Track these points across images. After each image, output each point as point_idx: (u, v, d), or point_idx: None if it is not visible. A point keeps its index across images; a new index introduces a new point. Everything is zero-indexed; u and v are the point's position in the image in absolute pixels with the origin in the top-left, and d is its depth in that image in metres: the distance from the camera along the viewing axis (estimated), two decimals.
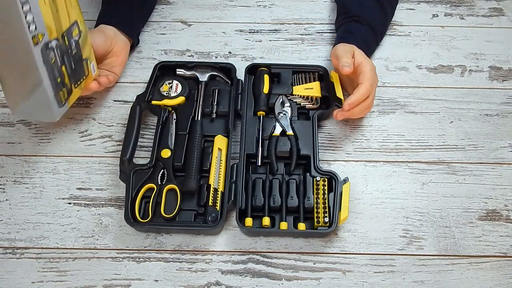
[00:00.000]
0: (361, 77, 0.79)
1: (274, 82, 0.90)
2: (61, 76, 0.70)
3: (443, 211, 0.79)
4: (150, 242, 0.76)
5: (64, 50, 0.69)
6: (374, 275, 0.73)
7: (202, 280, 0.73)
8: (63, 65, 0.69)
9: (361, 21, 0.89)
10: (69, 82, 0.72)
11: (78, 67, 0.74)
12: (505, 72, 0.95)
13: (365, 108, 0.82)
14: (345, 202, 0.74)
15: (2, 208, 0.79)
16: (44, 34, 0.63)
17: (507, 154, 0.85)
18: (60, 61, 0.68)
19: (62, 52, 0.69)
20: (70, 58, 0.71)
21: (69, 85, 0.72)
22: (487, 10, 1.04)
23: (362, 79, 0.79)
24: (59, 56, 0.68)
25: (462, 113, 0.89)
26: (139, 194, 0.76)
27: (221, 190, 0.77)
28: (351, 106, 0.78)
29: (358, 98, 0.78)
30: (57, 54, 0.67)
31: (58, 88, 0.70)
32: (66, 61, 0.70)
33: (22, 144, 0.85)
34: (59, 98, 0.71)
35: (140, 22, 0.98)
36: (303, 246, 0.76)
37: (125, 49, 0.91)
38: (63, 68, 0.70)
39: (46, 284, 0.72)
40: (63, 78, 0.70)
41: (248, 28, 1.01)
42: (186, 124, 0.83)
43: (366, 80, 0.79)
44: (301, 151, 0.81)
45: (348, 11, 0.92)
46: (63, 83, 0.71)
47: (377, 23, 0.92)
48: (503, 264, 0.74)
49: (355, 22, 0.90)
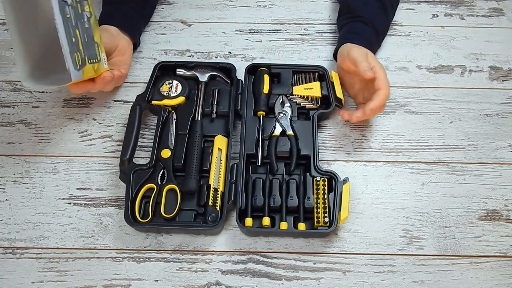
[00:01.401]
0: (378, 83, 0.79)
1: (274, 82, 0.90)
2: (76, 38, 0.70)
3: (443, 211, 0.79)
4: (150, 242, 0.76)
5: (77, 14, 0.71)
6: (374, 275, 0.73)
7: (202, 280, 0.73)
8: (77, 29, 0.70)
9: (365, 22, 0.89)
10: (82, 50, 0.72)
11: (90, 44, 0.74)
12: (505, 72, 0.95)
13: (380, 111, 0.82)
14: (345, 202, 0.74)
15: (2, 208, 0.79)
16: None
17: (507, 154, 0.85)
18: (75, 22, 0.70)
19: (76, 14, 0.70)
20: (83, 28, 0.72)
21: (83, 54, 0.72)
22: (487, 10, 1.04)
23: (381, 85, 0.79)
24: (73, 16, 0.69)
25: (462, 113, 0.89)
26: (139, 194, 0.76)
27: (221, 190, 0.77)
28: (374, 112, 0.79)
29: (380, 104, 0.78)
30: (71, 13, 0.69)
31: (73, 48, 0.70)
32: (80, 27, 0.71)
33: (22, 144, 0.85)
34: (74, 59, 0.70)
35: (142, 23, 0.98)
36: (303, 246, 0.76)
37: (129, 48, 0.91)
38: (77, 32, 0.70)
39: (46, 284, 0.72)
40: (77, 41, 0.70)
41: (248, 28, 1.01)
42: (186, 124, 0.83)
43: (384, 86, 0.79)
44: (301, 151, 0.81)
45: (353, 11, 0.92)
46: (77, 46, 0.70)
47: (380, 24, 0.92)
48: (503, 264, 0.74)
49: (360, 23, 0.90)
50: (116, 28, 0.88)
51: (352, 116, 0.80)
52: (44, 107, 0.89)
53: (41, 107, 0.89)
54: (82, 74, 0.73)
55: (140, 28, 0.97)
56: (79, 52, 0.71)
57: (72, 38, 0.69)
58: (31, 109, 0.89)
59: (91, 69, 0.76)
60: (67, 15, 0.68)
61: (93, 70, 0.76)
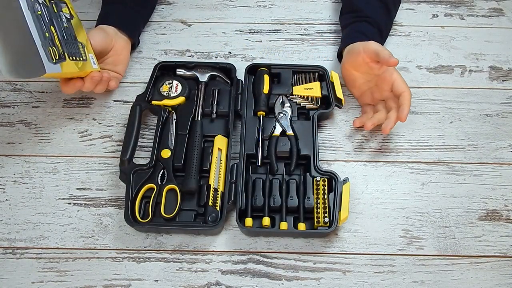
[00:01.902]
0: (399, 86, 0.80)
1: (274, 82, 0.90)
2: (50, 34, 0.72)
3: (443, 211, 0.79)
4: (150, 242, 0.76)
5: (52, 14, 0.73)
6: (374, 275, 0.73)
7: (202, 280, 0.73)
8: (52, 25, 0.73)
9: (371, 22, 0.89)
10: (60, 46, 0.74)
11: (71, 42, 0.76)
12: (505, 72, 0.95)
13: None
14: (345, 202, 0.74)
15: (2, 208, 0.79)
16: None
17: (507, 154, 0.85)
18: (48, 19, 0.72)
19: (49, 14, 0.73)
20: (60, 27, 0.74)
21: (61, 50, 0.74)
22: (487, 10, 1.04)
23: (403, 87, 0.79)
24: (46, 14, 0.72)
25: (462, 113, 0.89)
26: (139, 194, 0.76)
27: (221, 190, 0.77)
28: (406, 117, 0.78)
29: (409, 107, 0.78)
30: (44, 11, 0.71)
31: (47, 42, 0.71)
32: (56, 25, 0.74)
33: (22, 144, 0.85)
34: (48, 53, 0.71)
35: (141, 22, 0.98)
36: (303, 246, 0.76)
37: (126, 48, 0.91)
38: (52, 28, 0.73)
39: (46, 284, 0.72)
40: (52, 37, 0.72)
41: (248, 28, 1.01)
42: (186, 124, 0.83)
43: (406, 88, 0.79)
44: (301, 151, 0.81)
45: (357, 10, 0.92)
46: (52, 41, 0.72)
47: (383, 25, 0.91)
48: (503, 264, 0.74)
49: (366, 23, 0.89)
50: (114, 28, 0.88)
51: (387, 128, 0.78)
52: (44, 107, 0.89)
53: (41, 107, 0.89)
54: (60, 67, 0.73)
55: (139, 28, 0.97)
56: (55, 46, 0.73)
57: (45, 33, 0.71)
58: (31, 109, 0.89)
59: (73, 65, 0.76)
60: (37, 11, 0.70)
61: (76, 67, 0.76)
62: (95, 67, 0.81)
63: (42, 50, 0.70)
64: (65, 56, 0.74)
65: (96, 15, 0.92)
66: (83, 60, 0.78)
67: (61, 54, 0.73)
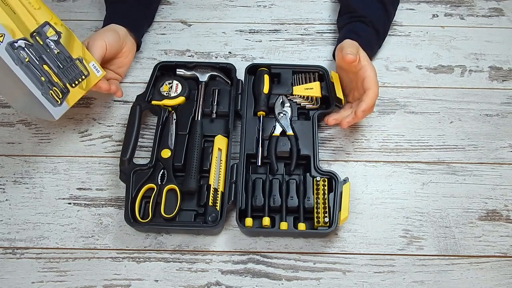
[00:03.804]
0: (367, 82, 0.78)
1: (274, 82, 0.90)
2: (46, 75, 0.70)
3: (443, 211, 0.79)
4: (150, 242, 0.76)
5: (39, 50, 0.70)
6: (374, 275, 0.73)
7: (202, 280, 0.73)
8: (44, 64, 0.70)
9: (366, 22, 0.89)
10: (59, 81, 0.72)
11: (69, 66, 0.74)
12: (505, 72, 0.95)
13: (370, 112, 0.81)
14: (345, 202, 0.74)
15: (2, 208, 0.79)
16: (4, 34, 0.65)
17: (507, 154, 0.85)
18: (38, 60, 0.69)
19: (37, 51, 0.69)
20: (52, 58, 0.71)
21: (61, 84, 0.72)
22: (487, 10, 1.04)
23: (370, 84, 0.78)
24: (34, 55, 0.69)
25: (462, 113, 0.89)
26: (139, 194, 0.76)
27: (221, 190, 0.77)
28: (365, 114, 0.78)
29: (370, 105, 0.77)
30: (31, 53, 0.68)
31: (46, 87, 0.70)
32: (48, 60, 0.70)
33: (22, 144, 0.85)
34: (51, 97, 0.71)
35: (146, 24, 0.98)
36: (303, 246, 0.76)
37: (132, 50, 0.91)
38: (46, 67, 0.70)
39: (46, 284, 0.72)
40: (49, 77, 0.71)
41: (248, 28, 1.01)
42: (186, 124, 0.83)
43: (373, 85, 0.78)
44: (301, 151, 0.81)
45: (353, 10, 0.92)
46: (51, 82, 0.71)
47: (380, 25, 0.91)
48: (503, 264, 0.74)
49: (360, 23, 0.89)
50: (124, 29, 0.88)
51: (343, 122, 0.78)
52: None
53: None
54: (66, 104, 0.74)
55: (144, 29, 0.97)
56: (55, 85, 0.72)
57: (40, 78, 0.70)
58: None
59: (78, 91, 0.76)
60: (25, 59, 0.68)
61: (81, 89, 0.76)
62: (99, 74, 0.79)
63: (43, 99, 0.70)
64: (67, 87, 0.73)
65: (97, 15, 0.93)
66: (85, 76, 0.76)
67: (63, 89, 0.73)
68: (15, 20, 0.66)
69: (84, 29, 0.99)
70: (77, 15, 1.01)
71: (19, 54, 0.67)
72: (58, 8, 1.02)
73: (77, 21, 1.00)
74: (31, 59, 0.68)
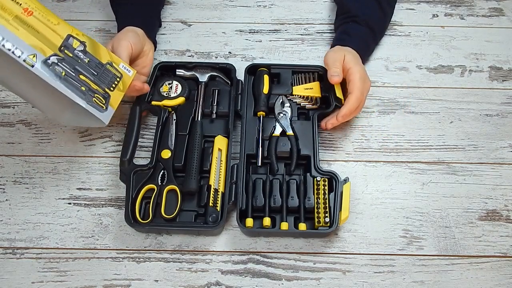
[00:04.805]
0: (350, 86, 0.80)
1: (274, 82, 0.90)
2: (85, 85, 0.71)
3: (443, 211, 0.79)
4: (150, 242, 0.76)
5: (71, 62, 0.71)
6: (374, 275, 0.73)
7: (202, 280, 0.73)
8: (80, 74, 0.71)
9: (359, 22, 0.89)
10: (98, 87, 0.73)
11: (102, 72, 0.74)
12: (505, 72, 0.95)
13: (356, 113, 0.84)
14: (345, 202, 0.74)
15: (2, 208, 0.79)
16: (36, 54, 0.66)
17: (507, 154, 0.85)
18: (73, 71, 0.70)
19: (70, 64, 0.70)
20: (85, 67, 0.72)
21: (101, 90, 0.73)
22: (487, 10, 1.04)
23: (352, 89, 0.80)
24: (68, 68, 0.70)
25: (462, 113, 0.89)
26: (139, 194, 0.76)
27: (221, 190, 0.77)
28: (345, 118, 0.81)
29: (350, 109, 0.80)
30: (65, 66, 0.69)
31: (88, 95, 0.71)
32: (82, 69, 0.71)
33: (22, 144, 0.85)
34: (96, 105, 0.72)
35: (157, 25, 0.98)
36: (303, 246, 0.76)
37: (152, 49, 0.90)
38: (82, 77, 0.71)
39: (46, 284, 0.72)
40: (88, 86, 0.71)
41: (248, 28, 1.01)
42: (186, 125, 0.83)
43: (355, 90, 0.80)
44: (301, 151, 0.81)
45: (347, 11, 0.92)
46: (91, 90, 0.72)
47: (375, 23, 0.92)
48: (503, 264, 0.74)
49: (353, 23, 0.90)
50: (142, 30, 0.87)
51: (327, 123, 0.82)
52: None
53: None
54: (111, 107, 0.74)
55: (156, 29, 0.97)
56: (96, 92, 0.72)
57: (81, 88, 0.70)
58: (31, 109, 0.89)
59: (117, 93, 0.76)
60: (61, 73, 0.68)
61: (120, 91, 0.76)
62: (131, 73, 0.78)
63: (90, 107, 0.71)
64: (107, 91, 0.74)
65: (96, 15, 0.92)
66: (120, 78, 0.77)
67: (104, 94, 0.73)
68: (41, 38, 0.67)
69: (84, 29, 0.98)
70: (77, 15, 1.01)
71: (55, 70, 0.68)
72: (58, 8, 1.02)
73: (77, 21, 1.00)
74: (67, 72, 0.69)
